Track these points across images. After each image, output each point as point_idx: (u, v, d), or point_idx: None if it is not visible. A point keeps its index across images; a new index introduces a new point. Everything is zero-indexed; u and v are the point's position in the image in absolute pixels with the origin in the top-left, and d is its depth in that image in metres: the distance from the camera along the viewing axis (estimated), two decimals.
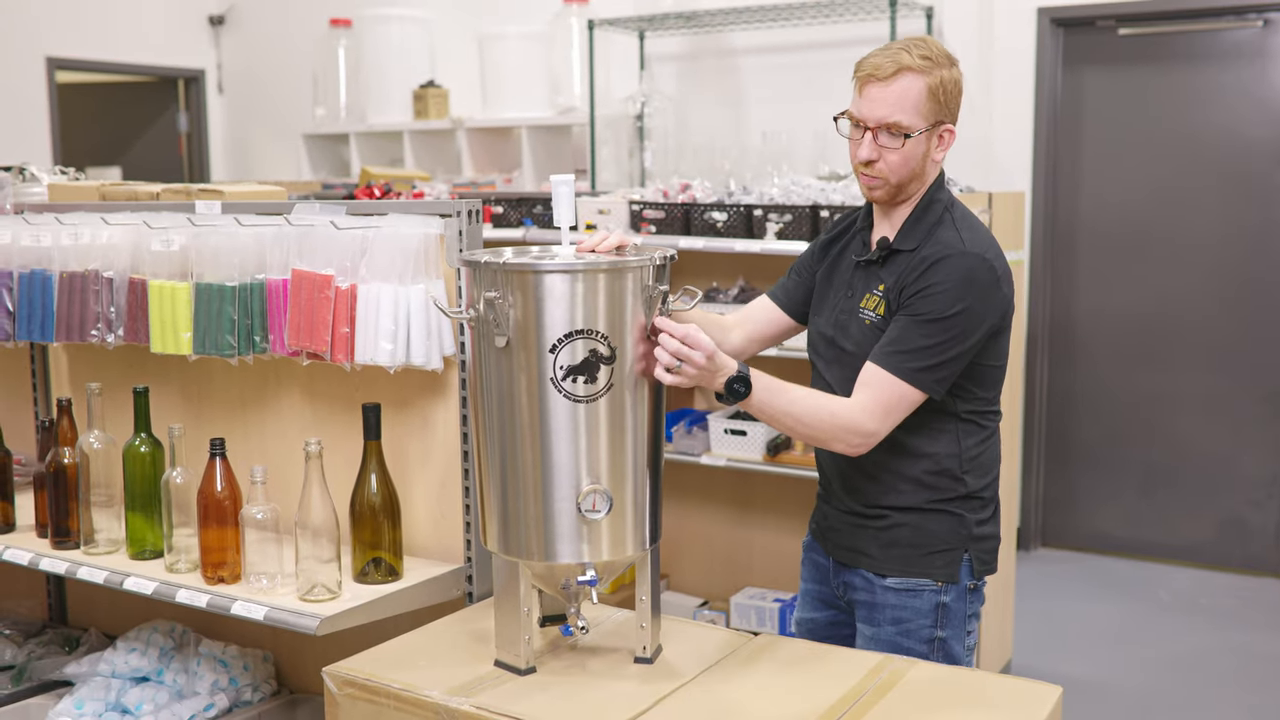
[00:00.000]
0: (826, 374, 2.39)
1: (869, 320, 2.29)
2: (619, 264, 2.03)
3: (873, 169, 2.26)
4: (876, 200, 2.32)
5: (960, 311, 2.18)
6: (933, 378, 2.20)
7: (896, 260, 2.29)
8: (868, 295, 2.31)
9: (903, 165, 2.24)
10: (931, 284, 2.20)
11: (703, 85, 6.35)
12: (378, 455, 2.42)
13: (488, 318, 2.03)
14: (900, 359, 2.19)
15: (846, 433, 2.20)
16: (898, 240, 2.30)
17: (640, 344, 2.05)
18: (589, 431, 2.03)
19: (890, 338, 2.22)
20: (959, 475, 2.30)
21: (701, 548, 4.59)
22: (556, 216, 2.15)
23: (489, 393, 2.08)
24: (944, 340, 2.19)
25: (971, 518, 2.32)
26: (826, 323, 2.40)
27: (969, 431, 2.31)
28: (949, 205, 2.32)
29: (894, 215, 2.33)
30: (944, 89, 2.23)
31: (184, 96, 8.03)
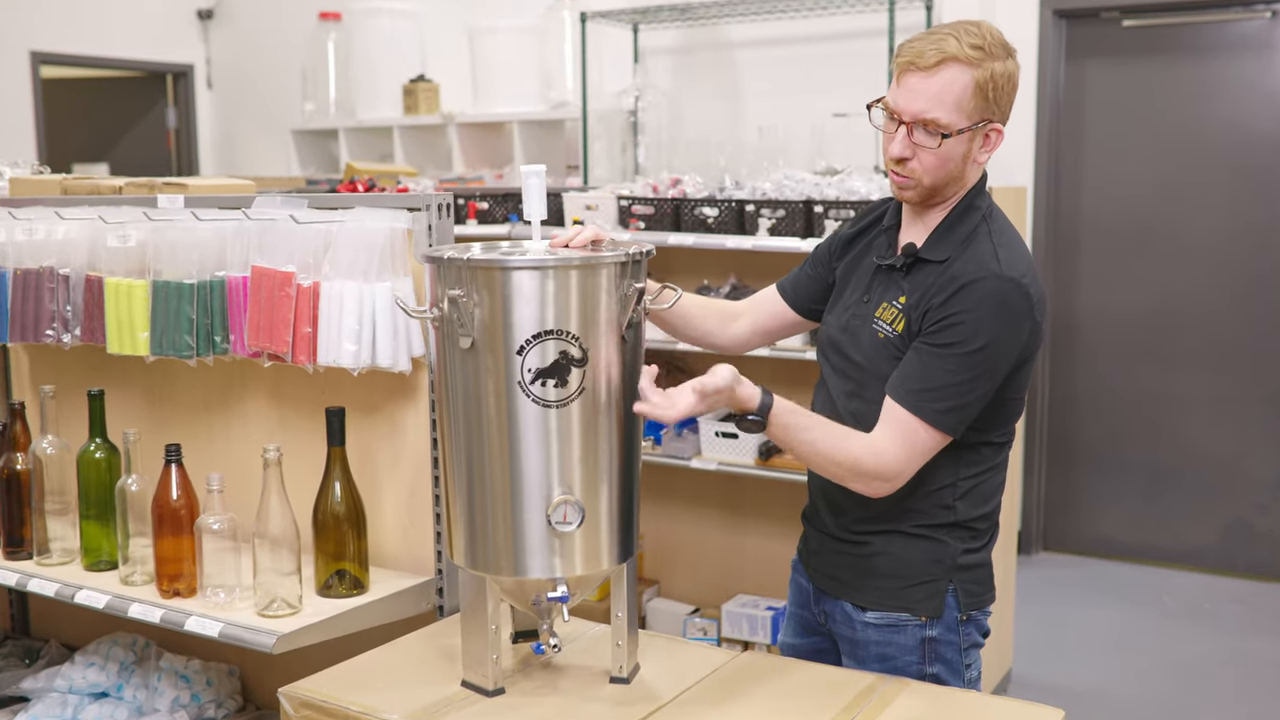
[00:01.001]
0: (830, 382, 2.24)
1: (883, 334, 2.12)
2: (591, 260, 1.91)
3: (905, 167, 2.07)
4: (907, 201, 2.14)
5: (988, 345, 2.00)
6: (956, 419, 2.04)
7: (922, 271, 2.10)
8: (885, 305, 2.13)
9: (938, 166, 2.05)
10: (959, 311, 2.01)
11: (698, 79, 6.23)
12: (342, 462, 2.30)
13: (451, 317, 1.91)
14: (923, 398, 2.02)
15: (867, 476, 2.04)
16: (926, 248, 2.11)
17: (615, 345, 1.93)
18: (560, 438, 1.91)
19: (912, 371, 2.04)
20: (949, 503, 2.14)
21: (692, 554, 4.46)
22: (527, 210, 2.03)
23: (454, 397, 1.96)
24: (970, 378, 2.01)
25: (957, 545, 2.15)
26: (837, 325, 2.23)
27: (970, 461, 2.14)
28: (987, 214, 2.13)
29: (925, 218, 2.15)
30: (994, 84, 2.02)
31: (172, 92, 7.90)
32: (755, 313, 2.42)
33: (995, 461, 2.18)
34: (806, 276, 2.39)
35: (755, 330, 2.42)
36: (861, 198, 3.68)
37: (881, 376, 2.10)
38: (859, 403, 2.15)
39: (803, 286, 2.39)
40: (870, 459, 2.02)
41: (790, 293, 2.40)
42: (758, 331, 2.42)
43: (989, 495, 2.19)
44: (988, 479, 2.17)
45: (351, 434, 2.41)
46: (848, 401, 2.18)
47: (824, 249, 2.38)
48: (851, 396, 2.16)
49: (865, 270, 2.24)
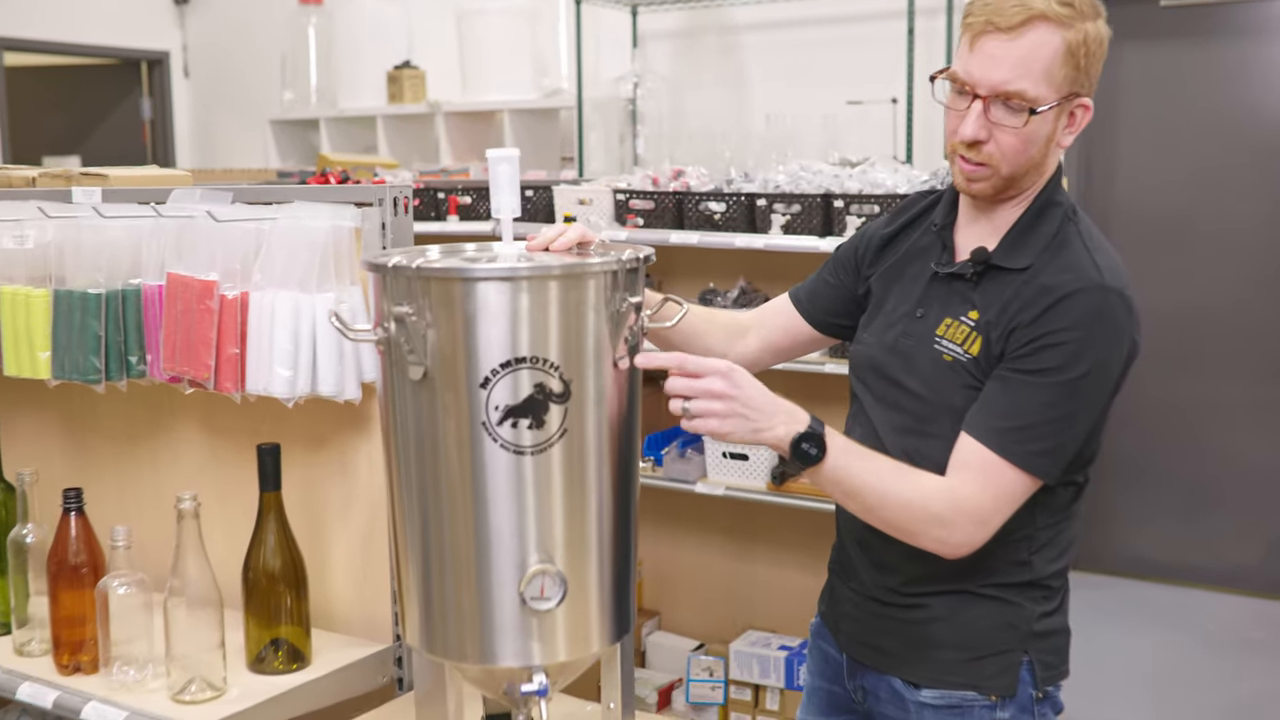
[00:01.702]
0: (872, 412, 1.85)
1: (950, 356, 1.74)
2: (576, 268, 1.51)
3: (979, 152, 1.70)
4: (975, 195, 1.76)
5: (1092, 370, 1.64)
6: (1053, 460, 1.67)
7: (998, 281, 1.73)
8: (951, 322, 1.75)
9: (1020, 151, 1.69)
10: (1057, 330, 1.64)
11: (700, 65, 5.85)
12: (277, 509, 1.91)
13: (399, 341, 1.51)
14: (1014, 437, 1.65)
15: (943, 532, 1.66)
16: (1001, 253, 1.74)
17: (606, 375, 1.54)
18: (536, 493, 1.53)
19: (998, 404, 1.67)
20: (1025, 558, 1.77)
21: (697, 583, 4.07)
22: (495, 204, 1.64)
23: (404, 441, 1.57)
24: (1070, 411, 1.65)
25: (1032, 608, 1.78)
26: (879, 345, 1.85)
27: (1049, 507, 1.76)
28: (1070, 212, 1.76)
29: (993, 216, 1.78)
30: (1086, 49, 1.66)
31: (147, 80, 7.51)
32: (765, 327, 2.05)
33: (1074, 508, 1.81)
34: (826, 285, 2.00)
35: (766, 347, 2.04)
36: (888, 191, 3.28)
37: (951, 409, 1.72)
38: (916, 440, 1.76)
39: (822, 296, 2.01)
40: (949, 510, 1.65)
41: (806, 303, 2.02)
42: (769, 348, 2.04)
43: (1066, 547, 1.82)
44: (1066, 528, 1.81)
45: (295, 471, 2.04)
46: (900, 438, 1.79)
47: (849, 252, 1.99)
48: (906, 433, 1.78)
49: (914, 278, 1.85)
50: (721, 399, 1.58)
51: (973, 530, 1.66)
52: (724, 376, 1.58)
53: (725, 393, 1.58)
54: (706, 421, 1.58)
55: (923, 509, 1.65)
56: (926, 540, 1.67)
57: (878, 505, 1.66)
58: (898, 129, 4.96)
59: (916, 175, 3.35)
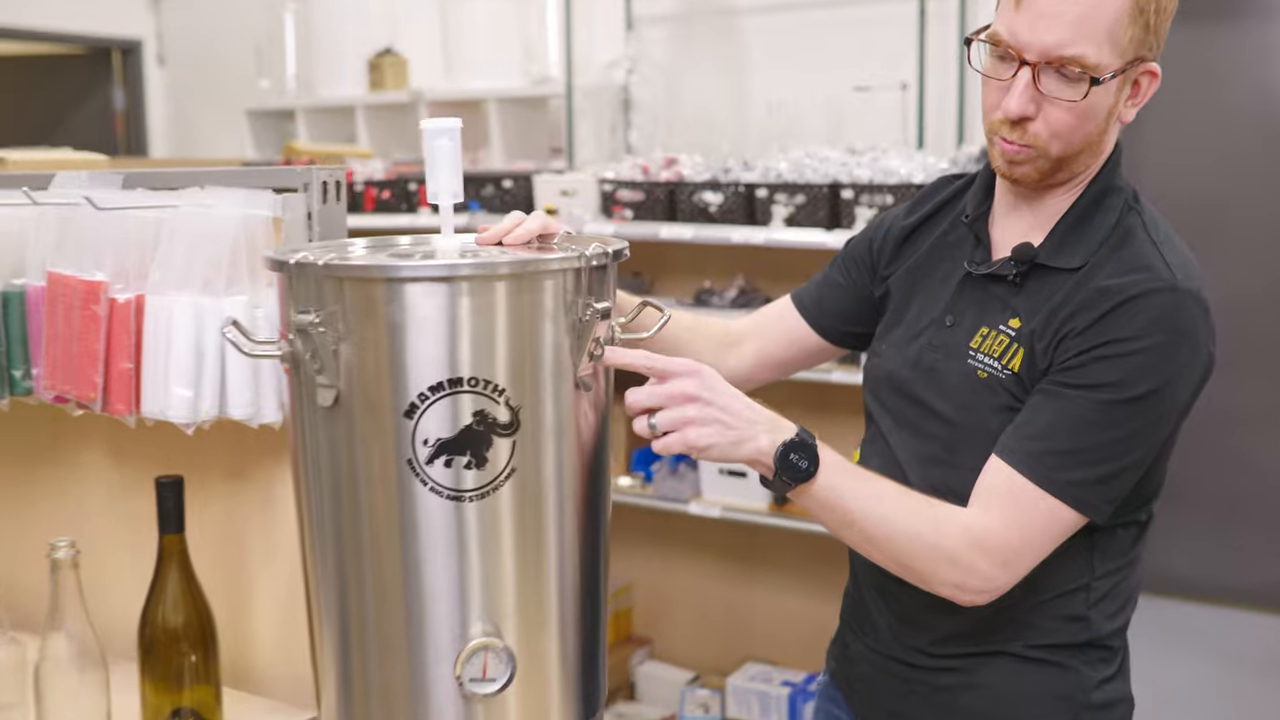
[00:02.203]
0: (893, 439, 1.55)
1: (986, 372, 1.44)
2: (528, 265, 1.20)
3: (1024, 131, 1.40)
4: (1017, 181, 1.45)
5: (1160, 388, 1.35)
6: (1103, 494, 1.37)
7: (1045, 282, 1.44)
8: (989, 332, 1.46)
9: (1073, 128, 1.39)
10: (1120, 339, 1.35)
11: (698, 50, 5.53)
12: (179, 556, 1.59)
13: (304, 357, 1.20)
14: (1056, 464, 1.35)
15: (959, 575, 1.36)
16: (1049, 250, 1.45)
17: (566, 399, 1.23)
18: (481, 549, 1.23)
19: (1039, 424, 1.37)
20: (1081, 612, 1.47)
21: (691, 610, 3.75)
22: (431, 188, 1.32)
23: (315, 482, 1.26)
24: (1128, 434, 1.36)
25: (1090, 674, 1.48)
26: (900, 358, 1.55)
27: (1109, 550, 1.47)
28: (1133, 200, 1.48)
29: (1041, 205, 1.48)
30: (1156, 5, 1.37)
31: (120, 69, 7.20)
32: (762, 336, 1.73)
33: (1136, 551, 1.52)
34: (836, 285, 1.69)
35: (763, 359, 1.72)
36: (901, 180, 2.97)
37: (986, 435, 1.42)
38: (945, 472, 1.46)
39: (830, 300, 1.69)
40: (967, 546, 1.35)
41: (811, 307, 1.71)
42: (766, 361, 1.72)
43: (1127, 600, 1.53)
44: (1128, 576, 1.51)
45: (213, 506, 1.74)
46: (925, 470, 1.48)
47: (863, 247, 1.68)
48: (933, 463, 1.47)
49: (941, 279, 1.55)
50: (695, 402, 1.28)
51: (994, 573, 1.36)
52: (694, 376, 1.28)
53: (698, 395, 1.28)
54: (682, 434, 1.28)
55: (933, 543, 1.35)
56: (938, 583, 1.37)
57: (879, 537, 1.36)
58: (908, 116, 4.65)
59: (933, 162, 3.04)
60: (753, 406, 1.32)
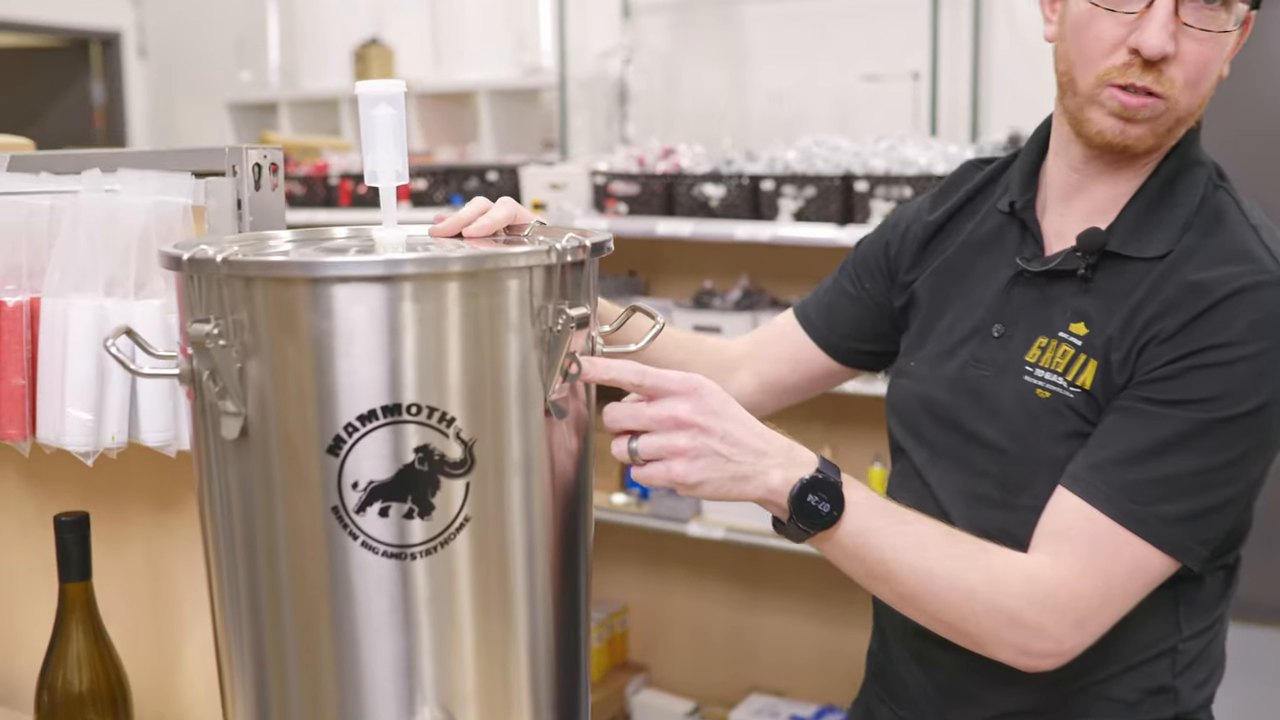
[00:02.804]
0: (929, 473, 1.30)
1: (1047, 390, 1.20)
2: (486, 261, 0.95)
3: (1159, 77, 1.15)
4: (1131, 143, 1.19)
5: (1271, 402, 1.11)
6: (1200, 533, 1.12)
7: (1120, 278, 1.19)
8: (1048, 342, 1.22)
9: (1206, 76, 1.17)
10: (1221, 345, 1.11)
11: (697, 40, 5.31)
12: (84, 608, 1.35)
13: (203, 378, 0.95)
14: (1145, 497, 1.11)
15: (1021, 632, 1.11)
16: (1123, 235, 1.20)
17: (534, 430, 0.98)
18: (431, 618, 0.98)
19: (1119, 447, 1.13)
20: (1167, 683, 1.22)
21: (691, 635, 3.51)
22: (369, 165, 1.07)
23: (223, 532, 1.01)
24: (1235, 459, 1.11)
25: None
26: (936, 377, 1.30)
27: (1200, 599, 1.23)
28: (1216, 175, 1.24)
29: (1106, 185, 1.24)
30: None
31: (99, 62, 6.97)
32: (762, 357, 1.48)
33: (1226, 603, 1.27)
34: (845, 296, 1.44)
35: (765, 386, 1.47)
36: (921, 170, 2.72)
37: (1050, 465, 1.18)
38: (999, 514, 1.21)
39: (840, 312, 1.44)
40: (1031, 603, 1.10)
41: (819, 323, 1.46)
42: (769, 387, 1.47)
43: (1217, 664, 1.28)
44: (1217, 634, 1.26)
45: (138, 542, 1.50)
46: (974, 510, 1.23)
47: (877, 249, 1.43)
48: (983, 503, 1.22)
49: (981, 281, 1.30)
50: (688, 429, 1.02)
51: (1066, 634, 1.11)
52: (690, 396, 1.03)
53: (692, 420, 1.02)
54: (667, 466, 1.03)
55: (990, 601, 1.10)
56: (995, 646, 1.12)
57: (922, 594, 1.11)
58: (920, 108, 4.42)
59: (956, 152, 2.78)
60: (763, 434, 1.07)
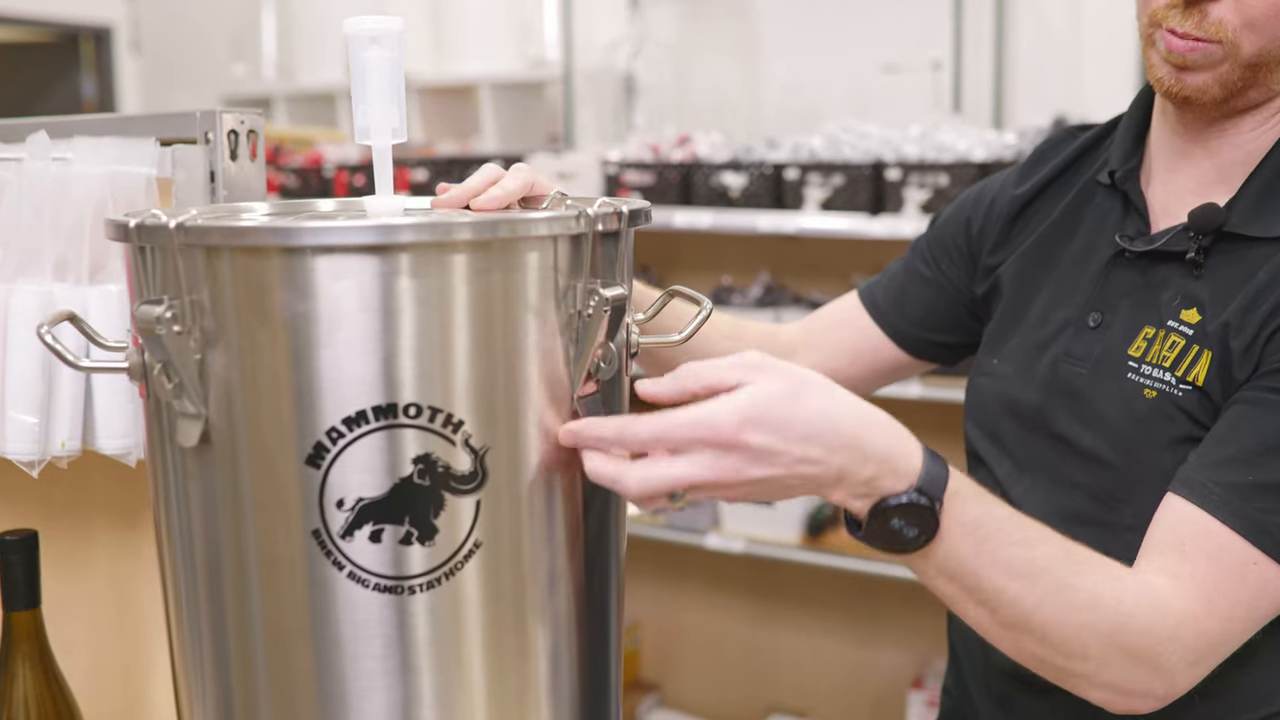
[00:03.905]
0: (1012, 486, 1.13)
1: (1154, 389, 1.03)
2: (502, 228, 0.78)
3: (1204, 19, 0.99)
4: (1190, 94, 1.03)
5: None
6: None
7: (1239, 260, 1.03)
8: (1155, 333, 1.05)
9: (1274, 14, 0.98)
10: None
11: (707, 31, 5.18)
12: (32, 639, 1.18)
13: (153, 371, 0.78)
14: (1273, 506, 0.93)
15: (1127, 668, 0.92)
16: (1244, 211, 1.04)
17: (557, 430, 0.81)
18: (433, 663, 0.82)
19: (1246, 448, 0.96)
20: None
21: (707, 653, 3.35)
22: (359, 120, 0.90)
23: (184, 559, 0.84)
24: None
25: None
26: (1024, 376, 1.14)
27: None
28: None
29: (1224, 148, 1.07)
30: None
31: (91, 57, 6.82)
32: (820, 346, 1.31)
33: None
34: (919, 279, 1.27)
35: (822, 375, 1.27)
36: (959, 157, 2.56)
37: (1159, 476, 1.01)
38: (1097, 534, 1.04)
39: (914, 297, 1.27)
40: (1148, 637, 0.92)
41: (888, 309, 1.29)
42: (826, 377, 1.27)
43: None
44: None
45: (102, 562, 1.35)
46: (1069, 529, 1.05)
47: (956, 226, 1.27)
48: (1079, 522, 1.06)
49: (1076, 263, 1.13)
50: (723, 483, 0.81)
51: (1180, 672, 0.93)
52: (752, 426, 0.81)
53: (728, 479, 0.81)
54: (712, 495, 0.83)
55: (1108, 639, 0.91)
56: (1094, 686, 0.93)
57: (1027, 625, 0.91)
58: (941, 98, 4.26)
59: (996, 138, 2.61)
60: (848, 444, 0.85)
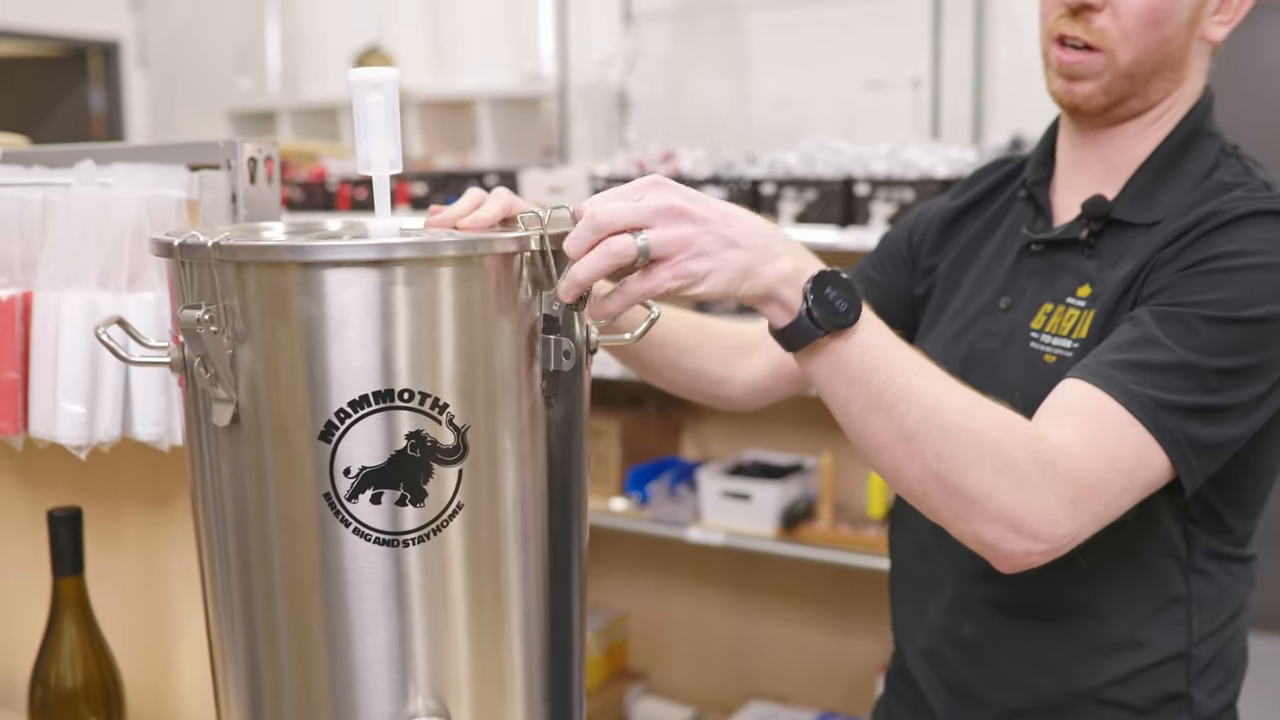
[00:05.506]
0: None
1: (1054, 354, 1.19)
2: (480, 245, 0.95)
3: (1089, 26, 1.16)
4: (1079, 102, 1.20)
5: (1275, 316, 1.07)
6: (1201, 440, 1.06)
7: (1125, 243, 1.18)
8: (1054, 309, 1.21)
9: (1148, 24, 1.15)
10: (1225, 254, 1.09)
11: (699, 48, 5.29)
12: (78, 604, 1.34)
13: (194, 365, 0.95)
14: (1147, 380, 1.05)
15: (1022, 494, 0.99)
16: (1127, 202, 1.20)
17: (528, 416, 0.98)
18: (424, 604, 0.97)
19: (1125, 340, 1.09)
20: (1180, 690, 1.20)
21: (691, 642, 3.49)
22: (362, 154, 1.06)
23: (215, 520, 1.01)
24: (1237, 368, 1.06)
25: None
26: (948, 354, 1.28)
27: (1209, 601, 1.20)
28: (1230, 150, 1.23)
29: (1113, 152, 1.24)
30: None
31: (99, 71, 6.95)
32: None
33: (1243, 598, 1.24)
34: (869, 282, 1.44)
35: (781, 369, 1.41)
36: (923, 174, 2.71)
37: None
38: None
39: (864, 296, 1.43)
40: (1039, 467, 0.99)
41: None
42: (786, 372, 1.41)
43: (1237, 664, 1.25)
44: (1236, 631, 1.24)
45: (132, 539, 1.49)
46: None
47: (901, 238, 1.43)
48: None
49: (995, 258, 1.31)
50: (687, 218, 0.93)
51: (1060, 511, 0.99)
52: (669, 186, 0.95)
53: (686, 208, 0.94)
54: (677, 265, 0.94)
55: (997, 446, 0.98)
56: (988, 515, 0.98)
57: (926, 429, 0.97)
58: (921, 114, 4.41)
59: (958, 154, 2.78)
60: (764, 221, 0.98)
